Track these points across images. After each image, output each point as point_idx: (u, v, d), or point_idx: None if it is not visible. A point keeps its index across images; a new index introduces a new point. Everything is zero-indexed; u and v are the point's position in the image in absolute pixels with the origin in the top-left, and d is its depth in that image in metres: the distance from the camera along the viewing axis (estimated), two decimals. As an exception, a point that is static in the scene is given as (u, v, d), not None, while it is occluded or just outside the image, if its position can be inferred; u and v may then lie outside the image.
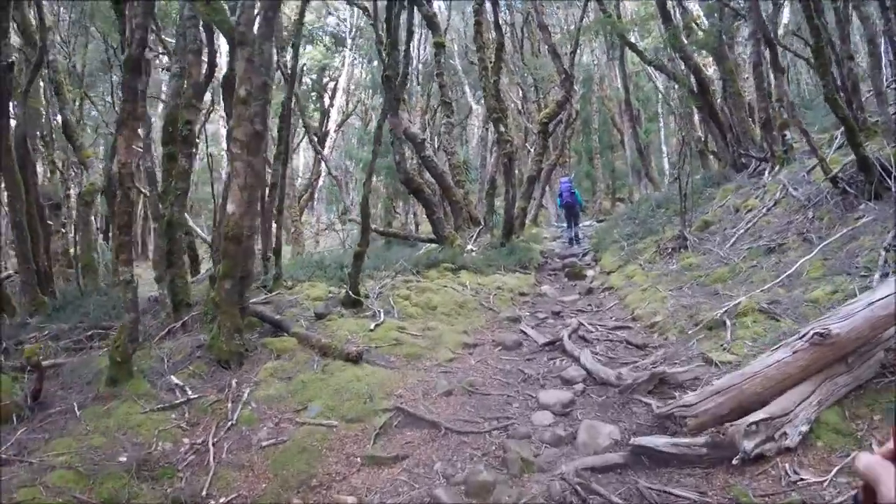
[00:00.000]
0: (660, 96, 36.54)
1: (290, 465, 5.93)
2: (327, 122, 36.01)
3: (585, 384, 7.48)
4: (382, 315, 10.17)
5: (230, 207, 7.90)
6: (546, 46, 20.96)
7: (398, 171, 16.66)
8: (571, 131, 28.95)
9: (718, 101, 19.55)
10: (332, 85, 38.89)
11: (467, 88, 35.01)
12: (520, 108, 32.40)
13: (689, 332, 8.80)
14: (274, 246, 12.26)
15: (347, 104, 36.92)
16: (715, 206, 15.31)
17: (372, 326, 9.57)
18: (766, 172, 15.56)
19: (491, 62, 17.33)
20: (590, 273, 14.99)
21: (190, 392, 7.32)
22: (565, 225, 22.29)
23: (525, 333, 10.17)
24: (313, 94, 40.39)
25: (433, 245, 17.49)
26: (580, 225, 22.06)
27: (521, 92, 33.03)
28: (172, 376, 7.68)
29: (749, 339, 7.75)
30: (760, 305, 8.45)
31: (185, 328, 9.44)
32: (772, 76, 17.00)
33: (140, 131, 9.71)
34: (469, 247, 16.57)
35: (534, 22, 35.05)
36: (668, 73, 20.58)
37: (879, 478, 1.01)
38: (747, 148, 18.42)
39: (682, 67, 19.31)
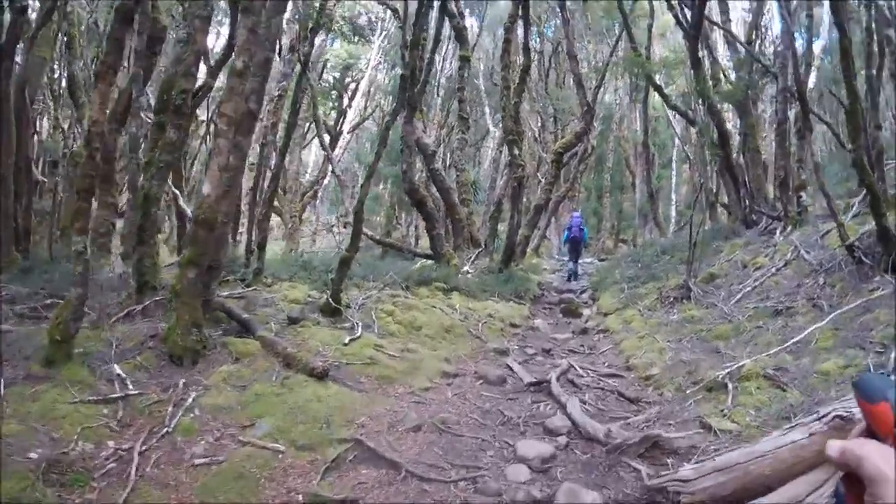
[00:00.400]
0: (676, 143, 35.90)
1: (221, 492, 4.99)
2: (343, 122, 35.20)
3: (570, 437, 6.56)
4: (360, 329, 9.26)
5: (206, 188, 7.00)
6: (572, 77, 20.17)
7: (403, 180, 15.83)
8: (585, 166, 28.14)
9: (734, 155, 18.77)
10: (353, 86, 38.07)
11: (487, 110, 34.28)
12: (536, 135, 31.61)
13: (687, 390, 7.95)
14: (259, 239, 11.38)
15: (366, 107, 36.05)
16: (722, 260, 14.47)
17: (347, 340, 8.63)
18: (778, 232, 14.91)
19: (514, 84, 16.55)
20: (586, 312, 14.11)
21: (130, 386, 6.38)
22: (566, 258, 21.93)
23: (511, 369, 9.28)
24: (333, 92, 39.65)
25: (429, 261, 16.65)
26: (581, 261, 21.61)
27: (539, 120, 32.27)
28: (116, 365, 6.75)
29: (752, 408, 6.94)
30: (766, 371, 7.65)
31: (146, 313, 8.54)
32: (793, 137, 16.32)
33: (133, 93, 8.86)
34: (466, 268, 15.72)
35: (563, 51, 34.51)
36: (689, 119, 19.81)
37: (860, 456, 0.84)
38: (759, 205, 17.78)
39: (704, 117, 18.62)
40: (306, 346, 8.22)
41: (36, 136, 18.87)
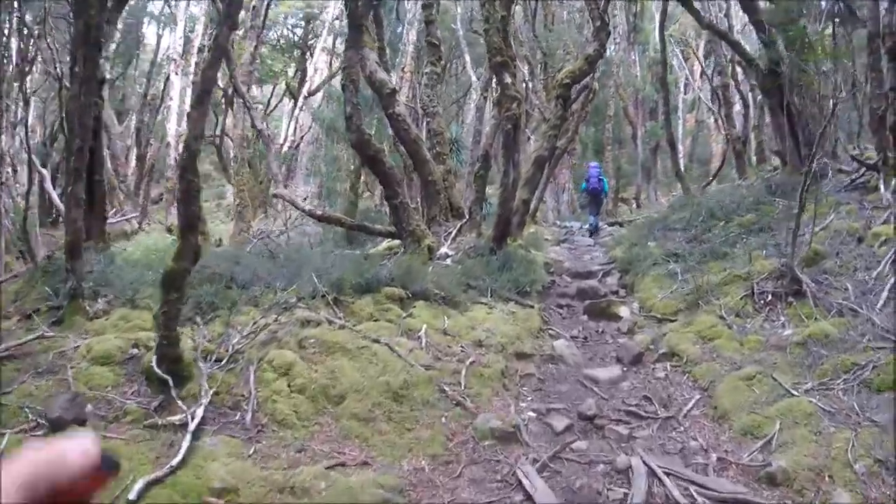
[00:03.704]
0: (681, 87, 30.51)
1: None
2: (305, 83, 29.42)
3: None
4: (188, 436, 3.94)
5: None
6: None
7: (348, 128, 10.43)
8: (586, 113, 22.49)
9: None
10: (315, 42, 32.12)
11: (468, 58, 28.66)
12: (526, 82, 25.93)
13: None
14: (69, 239, 6.06)
15: (330, 65, 30.13)
16: (812, 228, 9.13)
17: (137, 490, 3.32)
18: (882, 186, 9.93)
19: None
20: (624, 312, 8.84)
21: None
22: (569, 224, 19.85)
23: (531, 499, 4.07)
24: (297, 51, 33.88)
25: (395, 242, 11.39)
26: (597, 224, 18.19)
27: (528, 67, 26.57)
28: None
29: None
30: None
31: None
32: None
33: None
34: (443, 249, 10.48)
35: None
36: (730, 41, 14.39)
37: None
38: (818, 151, 12.94)
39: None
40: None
41: None
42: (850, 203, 10.16)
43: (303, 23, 33.81)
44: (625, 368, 6.80)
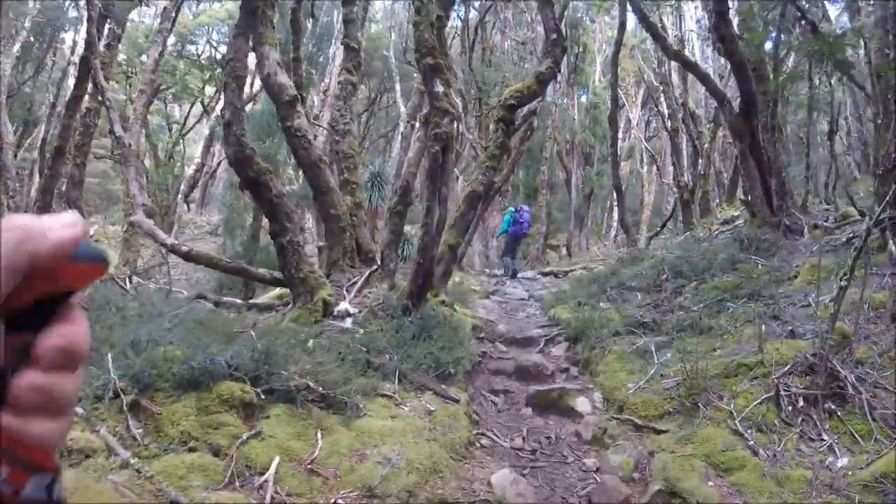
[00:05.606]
0: (619, 134, 28.72)
1: None
2: (220, 102, 26.64)
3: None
4: None
5: None
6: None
7: (226, 140, 7.72)
8: (524, 150, 20.02)
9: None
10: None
11: (398, 88, 26.24)
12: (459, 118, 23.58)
13: None
14: None
15: (252, 85, 27.32)
16: (819, 298, 6.85)
17: None
18: (892, 245, 7.79)
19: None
20: (585, 407, 6.27)
21: None
22: (499, 272, 17.92)
23: None
24: (218, 69, 30.88)
25: (281, 289, 8.63)
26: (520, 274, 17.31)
27: (462, 102, 24.26)
28: None
29: None
30: None
31: None
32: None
33: None
34: (343, 305, 7.76)
35: (490, 21, 27.11)
36: (700, 74, 12.26)
37: None
38: (789, 203, 11.40)
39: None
40: None
41: None
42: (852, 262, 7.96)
43: (227, 39, 31.04)
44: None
